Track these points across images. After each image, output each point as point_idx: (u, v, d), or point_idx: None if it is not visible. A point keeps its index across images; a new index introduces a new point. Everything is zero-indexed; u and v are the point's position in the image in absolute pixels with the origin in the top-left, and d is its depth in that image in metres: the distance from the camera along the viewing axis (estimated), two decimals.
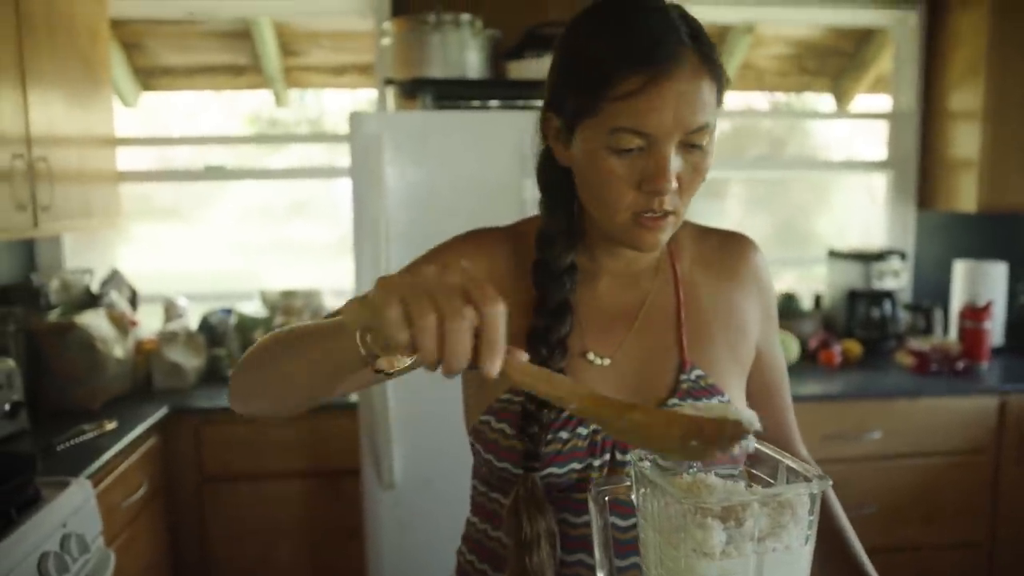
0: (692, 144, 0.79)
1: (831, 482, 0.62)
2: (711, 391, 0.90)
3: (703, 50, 0.78)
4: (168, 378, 2.50)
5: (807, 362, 2.77)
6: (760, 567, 0.59)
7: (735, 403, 0.93)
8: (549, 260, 0.89)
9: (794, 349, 2.74)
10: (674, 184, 0.79)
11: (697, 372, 0.91)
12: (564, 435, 0.86)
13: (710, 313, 0.94)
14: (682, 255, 0.96)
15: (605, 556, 0.72)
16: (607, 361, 0.91)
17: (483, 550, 0.95)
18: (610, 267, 0.93)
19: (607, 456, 0.87)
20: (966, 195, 2.83)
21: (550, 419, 0.86)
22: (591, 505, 0.71)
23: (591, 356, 0.91)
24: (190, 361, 2.55)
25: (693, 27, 0.80)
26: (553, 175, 0.89)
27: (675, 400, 0.89)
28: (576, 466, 0.87)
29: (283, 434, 2.33)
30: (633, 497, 0.67)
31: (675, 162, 0.79)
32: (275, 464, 2.34)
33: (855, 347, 2.79)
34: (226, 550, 2.36)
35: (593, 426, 0.87)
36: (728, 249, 0.98)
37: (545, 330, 0.87)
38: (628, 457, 0.83)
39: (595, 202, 0.85)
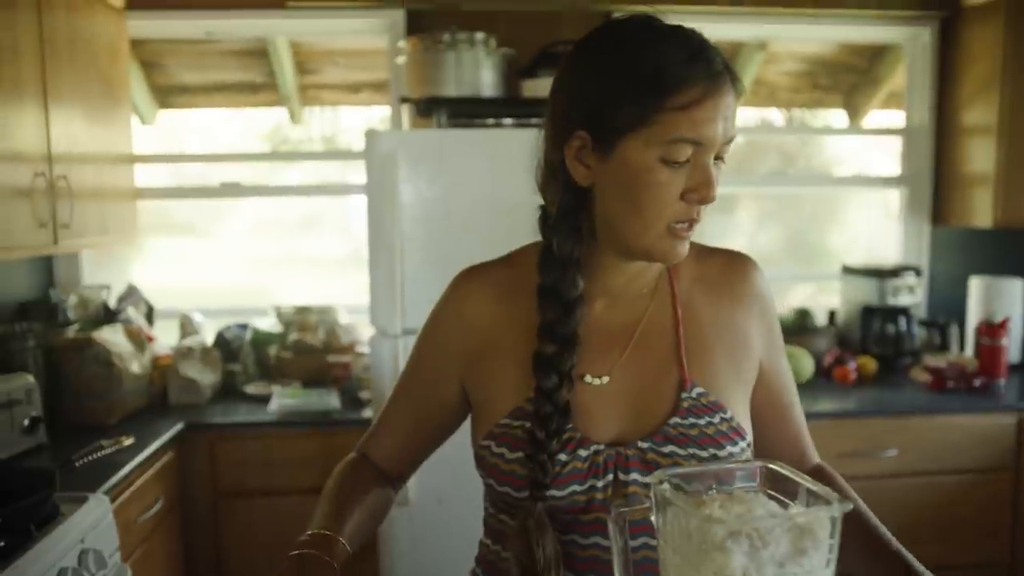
0: (719, 156, 0.85)
1: (851, 506, 0.62)
2: (713, 408, 0.90)
3: (731, 69, 0.84)
4: (184, 394, 2.51)
5: (821, 379, 2.75)
6: None
7: (739, 419, 0.92)
8: (560, 288, 0.89)
9: (808, 366, 2.72)
10: (716, 192, 0.84)
11: (699, 390, 0.91)
12: (563, 457, 0.87)
13: (710, 331, 0.94)
14: (681, 274, 0.97)
15: (624, 570, 0.72)
16: (605, 380, 0.92)
17: (496, 571, 0.96)
18: (607, 288, 0.94)
19: (610, 477, 0.87)
20: (981, 211, 2.82)
21: (558, 448, 0.87)
22: (611, 527, 0.72)
23: (588, 378, 0.91)
24: (205, 377, 2.56)
25: (718, 49, 0.85)
26: (571, 200, 0.89)
27: (676, 419, 0.89)
28: (577, 488, 0.87)
29: (298, 450, 2.34)
30: (653, 519, 0.67)
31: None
32: (290, 480, 2.34)
33: (870, 363, 2.77)
34: (240, 566, 2.36)
35: (593, 447, 0.88)
36: (729, 269, 0.98)
37: (556, 358, 0.87)
38: (648, 479, 0.83)
39: (631, 215, 0.85)
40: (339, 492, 0.95)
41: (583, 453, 0.87)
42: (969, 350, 2.89)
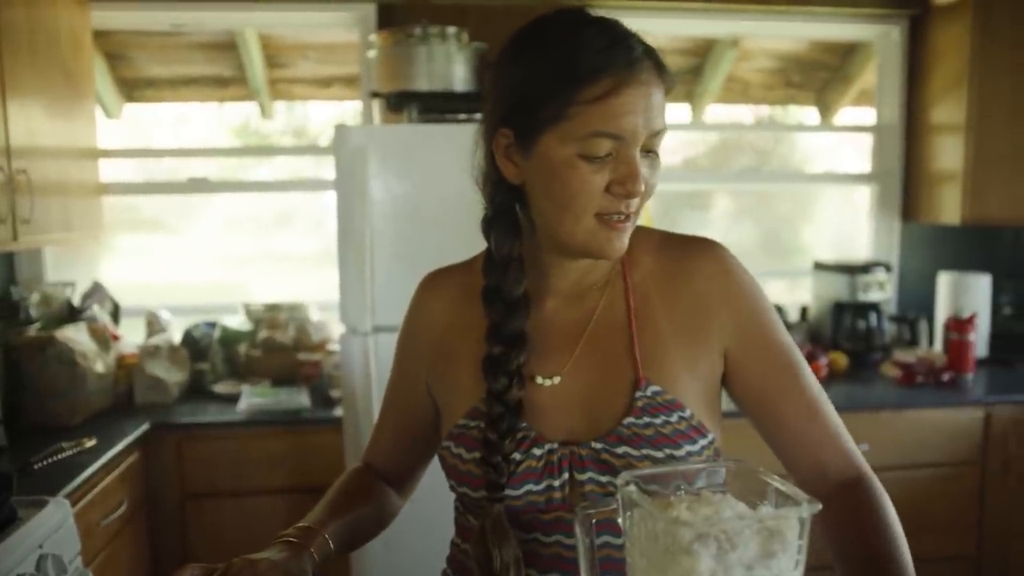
0: (650, 149, 0.83)
1: (819, 507, 0.61)
2: (670, 407, 0.86)
3: (655, 58, 0.83)
4: (150, 393, 2.46)
5: None
6: None
7: (699, 417, 0.87)
8: (502, 288, 0.88)
9: None
10: (643, 186, 0.81)
11: (654, 388, 0.87)
12: (517, 456, 0.86)
13: (666, 326, 0.90)
14: (636, 267, 0.93)
15: (590, 573, 0.71)
16: (556, 380, 0.90)
17: (466, 571, 0.95)
18: (557, 286, 0.92)
19: (565, 475, 0.86)
20: (950, 208, 2.85)
21: (512, 449, 0.87)
22: (577, 528, 0.70)
23: (539, 379, 0.90)
24: (173, 376, 2.52)
25: (642, 39, 0.84)
26: (503, 197, 0.88)
27: (631, 419, 0.86)
28: (532, 487, 0.86)
29: (267, 450, 2.31)
30: (620, 521, 0.66)
31: (640, 166, 0.82)
32: (259, 480, 2.31)
33: (841, 359, 2.79)
34: None
35: (547, 446, 0.87)
36: (687, 257, 0.93)
37: (503, 359, 0.87)
38: (608, 480, 0.84)
39: (558, 212, 0.84)
40: (335, 495, 0.99)
41: (537, 452, 0.87)
42: (938, 345, 2.92)
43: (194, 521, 2.30)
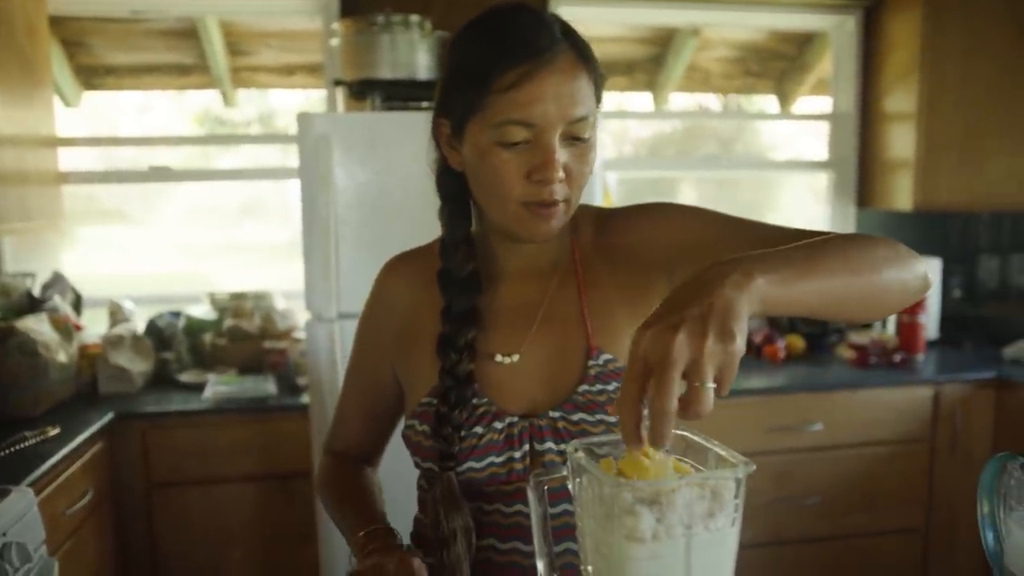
0: (575, 136, 0.84)
1: (754, 467, 0.65)
2: (620, 374, 0.90)
3: (577, 46, 0.84)
4: (114, 383, 2.45)
5: (752, 356, 2.84)
6: (689, 548, 0.62)
7: None
8: (452, 268, 0.93)
9: None
10: (561, 174, 0.83)
11: (605, 356, 0.92)
12: (479, 430, 0.90)
13: (613, 295, 0.94)
14: (582, 243, 0.97)
15: (545, 544, 0.75)
16: (515, 358, 0.94)
17: (424, 542, 0.98)
18: (511, 267, 0.97)
19: (526, 447, 0.90)
20: (902, 194, 2.94)
21: (461, 419, 0.91)
22: (530, 495, 0.73)
23: (498, 357, 0.94)
24: (137, 365, 2.51)
25: (566, 27, 0.86)
26: (451, 184, 0.93)
27: (585, 386, 0.90)
28: (495, 459, 0.90)
29: (233, 438, 2.31)
30: (570, 486, 0.70)
31: (561, 154, 0.83)
32: (225, 468, 2.31)
33: (798, 342, 2.87)
34: (177, 556, 2.32)
35: (508, 420, 0.91)
36: (624, 225, 0.96)
37: (453, 336, 0.92)
38: (562, 447, 0.88)
39: (487, 197, 0.88)
40: (348, 494, 1.03)
41: (498, 426, 0.91)
42: (891, 327, 3.01)
43: (161, 510, 2.30)
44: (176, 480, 2.30)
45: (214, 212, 3.12)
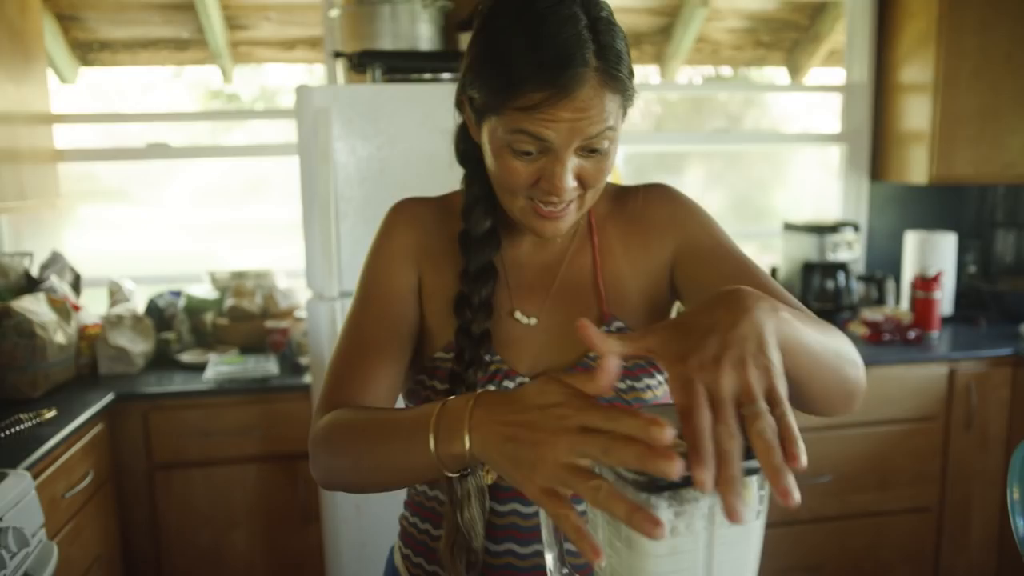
0: (592, 148, 0.82)
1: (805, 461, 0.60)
2: None
3: (608, 69, 0.79)
4: (114, 363, 2.42)
5: None
6: (711, 543, 0.57)
7: None
8: (470, 228, 0.93)
9: None
10: (571, 184, 0.82)
11: (618, 323, 0.94)
12: (491, 388, 0.90)
13: (625, 266, 0.96)
14: (598, 213, 0.98)
15: (554, 536, 0.70)
16: (533, 320, 0.95)
17: (424, 511, 0.99)
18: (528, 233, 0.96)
19: None
20: (917, 167, 2.86)
21: (475, 379, 0.90)
22: None
23: (518, 315, 0.95)
24: (137, 346, 2.47)
25: (602, 41, 0.79)
26: (469, 148, 0.92)
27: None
28: None
29: (235, 419, 2.28)
30: None
31: (574, 162, 0.81)
32: (228, 449, 2.28)
33: None
34: (179, 538, 2.30)
35: (519, 379, 0.91)
36: (639, 201, 0.98)
37: (470, 294, 0.91)
38: None
39: (497, 187, 0.88)
40: (384, 412, 0.80)
41: (509, 385, 0.91)
42: (905, 303, 2.95)
43: (163, 491, 2.28)
44: (178, 461, 2.27)
45: (218, 192, 3.06)
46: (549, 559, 0.70)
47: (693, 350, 0.57)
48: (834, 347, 0.73)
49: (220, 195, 3.08)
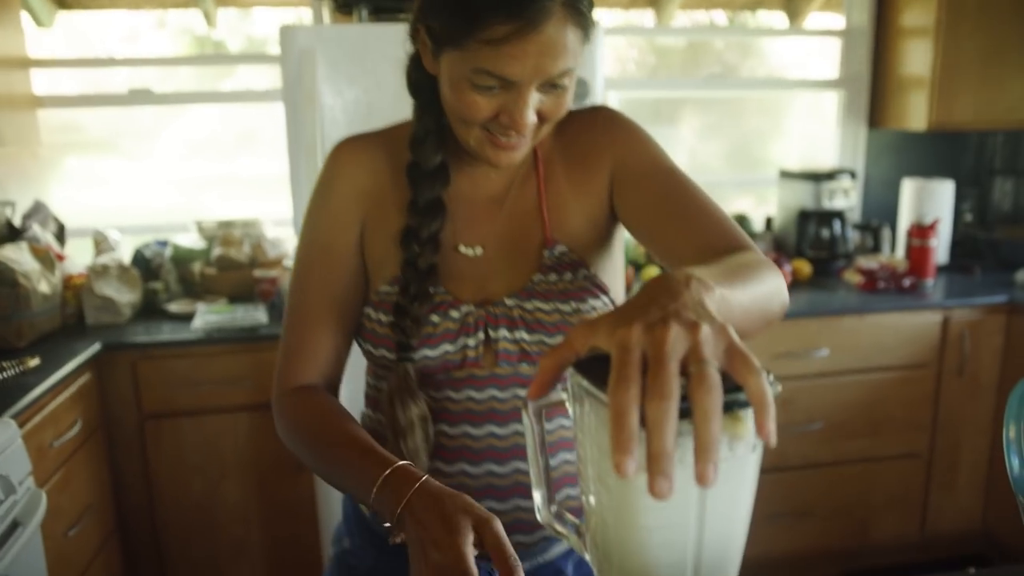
0: (553, 84, 0.82)
1: (780, 387, 0.58)
2: (575, 265, 0.94)
3: (574, 3, 0.79)
4: (101, 314, 2.38)
5: None
6: None
7: (601, 276, 0.95)
8: (420, 161, 0.92)
9: None
10: (532, 120, 0.82)
11: (561, 248, 0.94)
12: (435, 319, 0.91)
13: (568, 190, 0.96)
14: (543, 141, 0.97)
15: (542, 474, 0.68)
16: (479, 251, 0.95)
17: (376, 438, 0.96)
18: (474, 163, 0.95)
19: (481, 335, 0.91)
20: (916, 113, 2.81)
21: (421, 312, 0.90)
22: (525, 419, 0.67)
23: (462, 248, 0.95)
24: (124, 296, 2.43)
25: None
26: (422, 78, 0.90)
27: (539, 275, 0.92)
28: (449, 348, 0.91)
29: (225, 368, 2.26)
30: (569, 410, 0.63)
31: (535, 98, 0.82)
32: (218, 399, 2.27)
33: (805, 267, 2.79)
34: (171, 488, 2.30)
35: (464, 309, 0.92)
36: (581, 125, 0.97)
37: (417, 228, 0.91)
38: (516, 335, 0.91)
39: (452, 118, 0.87)
40: (345, 436, 0.85)
41: (454, 314, 0.91)
42: (900, 252, 2.93)
43: (153, 441, 2.27)
44: (168, 411, 2.26)
45: (208, 146, 2.99)
46: (537, 497, 0.69)
47: (637, 317, 0.52)
48: (764, 297, 0.71)
49: (209, 148, 3.00)
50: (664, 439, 0.47)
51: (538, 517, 0.69)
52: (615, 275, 1.00)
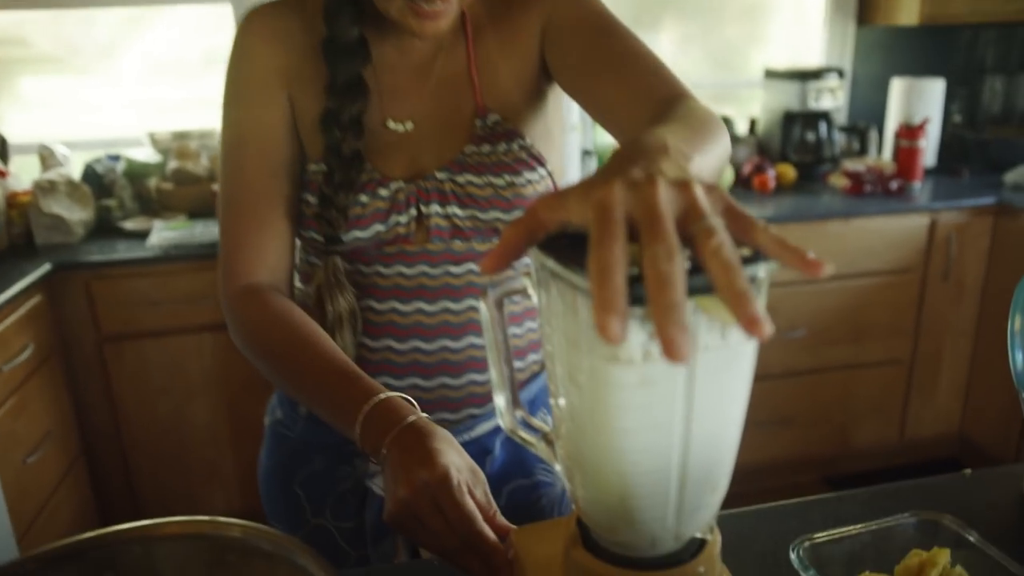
0: None
1: (776, 265, 0.48)
2: (510, 135, 0.88)
3: None
4: (51, 233, 2.25)
5: (740, 188, 2.67)
6: (692, 369, 0.47)
7: (538, 146, 0.90)
8: (335, 35, 0.83)
9: (727, 175, 2.63)
10: None
11: (494, 117, 0.89)
12: (364, 198, 0.85)
13: (496, 51, 0.89)
14: (470, 5, 0.89)
15: (504, 375, 0.60)
16: (409, 126, 0.88)
17: (304, 308, 0.91)
18: (399, 34, 0.87)
19: (412, 211, 0.86)
20: (907, 7, 2.67)
21: (346, 201, 0.85)
22: (488, 311, 0.58)
23: (391, 124, 0.88)
24: (75, 214, 2.30)
25: None
26: None
27: (472, 147, 0.87)
28: (380, 228, 0.86)
29: (186, 286, 2.15)
30: (534, 299, 0.53)
31: None
32: (180, 319, 2.17)
33: (789, 171, 2.70)
34: (138, 410, 2.22)
35: (394, 186, 0.86)
36: None
37: (336, 110, 0.84)
38: (448, 210, 0.86)
39: None
40: (317, 360, 0.79)
41: (384, 192, 0.86)
42: (888, 154, 2.84)
43: (115, 363, 2.18)
44: (128, 332, 2.16)
45: (169, 68, 2.75)
46: (500, 401, 0.60)
47: (616, 177, 0.42)
48: (721, 159, 0.67)
49: (171, 69, 2.77)
50: (675, 289, 0.36)
51: (500, 423, 0.61)
52: (551, 144, 0.93)
